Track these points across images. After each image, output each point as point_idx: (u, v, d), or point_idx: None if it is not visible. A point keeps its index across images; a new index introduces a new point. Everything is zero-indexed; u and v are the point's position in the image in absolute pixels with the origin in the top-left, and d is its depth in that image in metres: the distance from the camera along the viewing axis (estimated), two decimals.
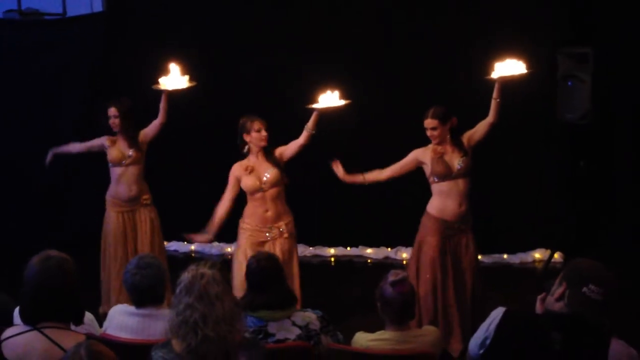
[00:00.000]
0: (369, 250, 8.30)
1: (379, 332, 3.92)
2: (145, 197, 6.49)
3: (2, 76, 8.45)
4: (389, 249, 8.25)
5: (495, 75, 5.57)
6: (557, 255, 7.64)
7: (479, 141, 5.65)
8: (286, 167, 5.76)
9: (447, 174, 5.57)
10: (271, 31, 8.05)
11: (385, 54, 7.94)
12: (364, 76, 7.59)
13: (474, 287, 5.66)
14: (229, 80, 8.04)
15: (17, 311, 3.45)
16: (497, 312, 3.11)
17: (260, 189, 5.66)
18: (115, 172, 6.43)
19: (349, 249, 8.39)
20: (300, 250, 6.27)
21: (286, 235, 5.74)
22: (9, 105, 8.46)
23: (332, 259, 8.34)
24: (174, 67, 6.12)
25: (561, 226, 7.69)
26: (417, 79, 7.75)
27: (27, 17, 8.75)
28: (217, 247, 8.55)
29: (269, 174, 5.66)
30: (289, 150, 5.76)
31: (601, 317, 2.95)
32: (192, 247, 8.63)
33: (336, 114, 5.77)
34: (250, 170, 5.67)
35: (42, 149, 6.64)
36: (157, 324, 3.79)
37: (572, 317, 2.95)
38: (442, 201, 5.61)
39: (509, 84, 5.58)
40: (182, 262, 3.66)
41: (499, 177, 7.55)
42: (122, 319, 3.94)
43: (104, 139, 6.43)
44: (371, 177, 5.78)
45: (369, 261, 8.21)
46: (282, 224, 5.73)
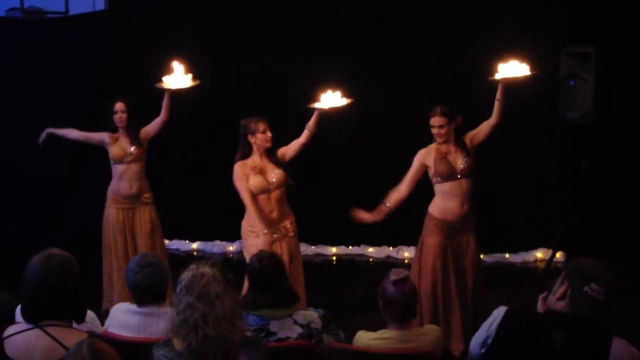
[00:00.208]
0: (370, 249, 8.30)
1: (380, 331, 3.92)
2: (146, 195, 6.49)
3: (3, 75, 8.44)
4: (391, 248, 8.25)
5: (499, 76, 5.56)
6: (558, 254, 7.64)
7: (481, 142, 5.65)
8: (287, 166, 5.76)
9: (450, 175, 5.56)
10: (272, 30, 8.05)
11: (385, 54, 7.94)
12: (364, 76, 7.59)
13: (474, 286, 5.66)
14: (230, 79, 8.04)
15: (18, 309, 3.45)
16: (499, 311, 3.11)
17: (267, 190, 5.64)
18: (116, 169, 6.43)
19: (350, 248, 8.39)
20: (301, 249, 6.26)
21: (291, 234, 5.75)
22: (9, 105, 8.44)
23: (334, 258, 8.34)
24: (177, 65, 6.11)
25: (563, 226, 7.69)
26: (417, 79, 7.75)
27: (30, 15, 8.74)
28: (219, 246, 8.55)
29: (275, 174, 5.65)
30: (290, 150, 5.75)
31: (603, 316, 2.95)
32: (194, 245, 8.63)
33: (337, 114, 5.76)
34: (258, 170, 5.66)
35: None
36: (158, 322, 3.79)
37: (574, 316, 2.95)
38: (445, 202, 5.60)
39: (512, 85, 5.58)
40: (184, 260, 3.66)
41: (500, 176, 7.55)
42: (123, 317, 3.94)
43: (105, 135, 6.42)
44: (393, 201, 5.66)
45: (371, 260, 8.21)
46: (287, 223, 5.72)
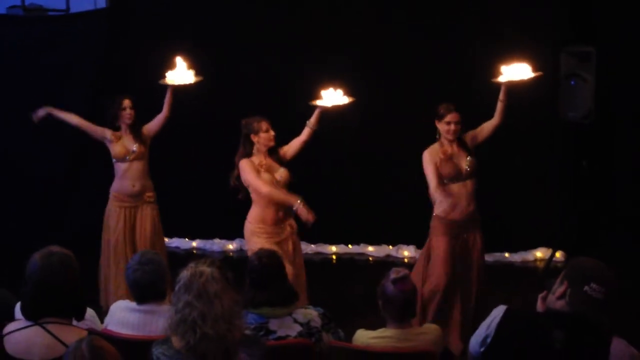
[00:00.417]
0: (370, 248, 8.30)
1: (380, 330, 3.92)
2: (149, 194, 6.45)
3: (4, 74, 8.41)
4: (390, 247, 8.24)
5: (503, 79, 5.55)
6: (558, 254, 7.64)
7: (481, 142, 5.65)
8: (288, 164, 5.75)
9: (457, 176, 5.54)
10: (272, 30, 8.04)
11: (385, 54, 7.94)
12: (364, 76, 7.58)
13: (478, 285, 5.66)
14: (230, 78, 8.03)
15: (18, 306, 3.45)
16: (499, 311, 3.11)
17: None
18: (119, 167, 6.39)
19: (350, 246, 8.38)
20: (302, 247, 6.27)
21: (294, 231, 5.75)
22: (9, 104, 8.43)
23: (334, 257, 8.34)
24: (180, 61, 6.11)
25: (563, 225, 7.69)
26: (417, 79, 7.75)
27: (31, 12, 8.72)
28: (219, 244, 8.55)
29: (280, 173, 5.64)
30: (291, 148, 5.74)
31: (602, 316, 2.95)
32: (194, 244, 8.63)
33: (338, 112, 5.76)
34: (265, 168, 5.65)
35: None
36: (158, 320, 3.79)
37: (574, 315, 2.95)
38: (451, 203, 5.57)
39: (515, 87, 5.58)
40: (184, 259, 3.66)
41: (500, 175, 7.53)
42: (123, 315, 3.95)
43: (108, 132, 6.36)
44: (443, 210, 5.60)
45: (370, 259, 8.21)
46: (292, 221, 5.73)
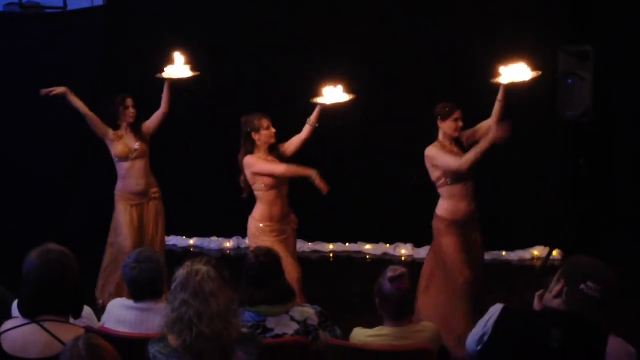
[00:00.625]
0: (367, 246, 8.31)
1: (377, 328, 3.92)
2: (154, 190, 6.44)
3: (4, 74, 8.39)
4: (388, 245, 8.26)
5: (503, 80, 5.53)
6: (555, 252, 7.64)
7: (476, 141, 5.64)
8: (287, 162, 5.75)
9: (460, 176, 5.53)
10: (272, 30, 8.04)
11: (385, 53, 7.94)
12: (364, 76, 7.56)
13: (479, 284, 5.67)
14: (230, 75, 8.03)
15: (15, 304, 3.45)
16: (496, 309, 3.11)
17: (279, 185, 5.62)
18: (122, 167, 6.35)
19: (347, 245, 8.40)
20: (299, 246, 6.29)
21: (295, 228, 5.76)
22: (10, 104, 8.41)
23: (331, 255, 8.35)
24: (178, 56, 6.15)
25: (560, 223, 7.69)
26: (417, 79, 7.76)
27: (28, 10, 8.71)
28: (216, 242, 8.55)
29: None
30: (292, 146, 5.74)
31: (599, 314, 2.95)
32: (191, 241, 8.63)
33: (338, 111, 5.76)
34: None
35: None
36: (155, 318, 3.78)
37: (570, 314, 2.95)
38: (455, 203, 5.57)
39: (514, 88, 5.57)
40: (181, 256, 3.66)
41: (498, 174, 7.53)
42: (120, 313, 3.95)
43: (110, 131, 6.31)
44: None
45: (368, 257, 8.22)
46: (293, 216, 5.73)
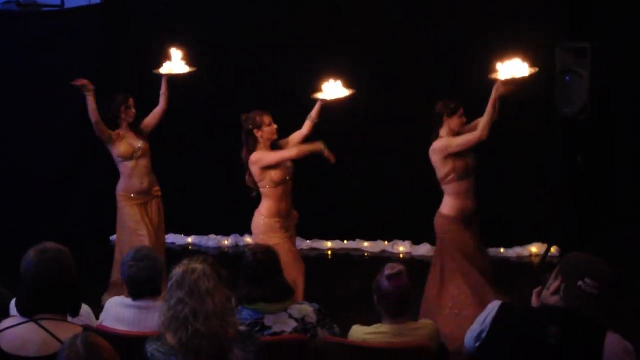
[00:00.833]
0: (366, 243, 8.30)
1: (375, 326, 3.92)
2: (156, 189, 6.43)
3: (4, 74, 8.36)
4: (386, 243, 8.25)
5: (501, 76, 5.51)
6: (553, 249, 7.65)
7: None
8: None
9: (467, 172, 5.54)
10: (272, 30, 8.03)
11: (385, 53, 7.93)
12: (364, 75, 7.55)
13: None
14: (230, 74, 8.03)
15: (13, 303, 3.45)
16: (494, 306, 3.12)
17: (286, 181, 5.62)
18: (126, 166, 6.29)
19: (346, 242, 8.39)
20: (297, 243, 6.28)
21: (296, 224, 5.77)
22: (10, 104, 8.39)
23: (329, 252, 8.35)
24: (175, 52, 6.16)
25: (558, 220, 7.69)
26: (417, 78, 7.75)
27: (26, 8, 8.70)
28: (215, 240, 8.54)
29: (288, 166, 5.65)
30: (293, 141, 5.74)
31: (597, 311, 2.95)
32: (189, 239, 8.62)
33: (338, 107, 5.76)
34: None
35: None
36: (153, 316, 3.77)
37: (568, 311, 2.95)
38: (461, 201, 5.59)
39: (514, 86, 5.57)
40: (179, 255, 3.67)
41: (495, 171, 7.53)
42: (118, 311, 3.95)
43: (111, 133, 6.22)
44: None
45: (366, 255, 8.22)
46: (295, 214, 5.73)
